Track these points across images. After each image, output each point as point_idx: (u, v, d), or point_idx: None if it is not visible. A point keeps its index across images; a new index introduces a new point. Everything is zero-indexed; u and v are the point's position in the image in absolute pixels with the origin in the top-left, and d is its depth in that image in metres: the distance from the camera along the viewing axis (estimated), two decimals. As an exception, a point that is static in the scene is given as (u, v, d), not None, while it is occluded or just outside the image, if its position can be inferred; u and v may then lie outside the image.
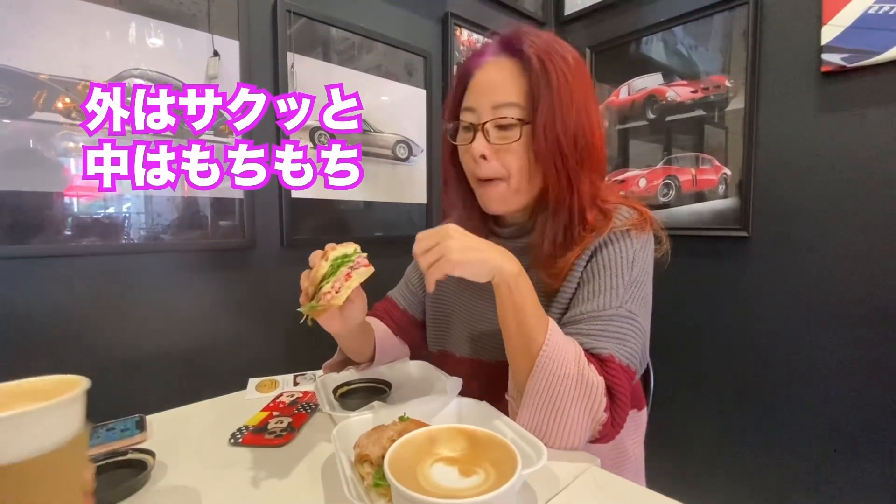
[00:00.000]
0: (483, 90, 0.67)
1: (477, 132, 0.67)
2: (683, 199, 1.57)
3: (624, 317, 0.62)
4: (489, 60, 0.68)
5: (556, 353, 0.56)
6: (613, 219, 0.67)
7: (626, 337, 0.61)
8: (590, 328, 0.61)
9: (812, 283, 1.30)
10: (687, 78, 1.54)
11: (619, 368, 0.59)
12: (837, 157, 1.24)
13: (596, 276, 0.65)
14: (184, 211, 1.07)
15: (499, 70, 0.67)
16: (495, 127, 0.66)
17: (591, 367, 0.57)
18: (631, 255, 0.65)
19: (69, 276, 0.94)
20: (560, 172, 0.65)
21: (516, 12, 1.84)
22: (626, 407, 0.59)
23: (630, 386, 0.61)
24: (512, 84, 0.65)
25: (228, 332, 1.15)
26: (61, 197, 0.92)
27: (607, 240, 0.66)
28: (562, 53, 0.65)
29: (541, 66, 0.63)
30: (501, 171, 0.67)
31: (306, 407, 0.74)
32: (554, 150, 0.64)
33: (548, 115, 0.63)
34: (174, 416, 0.74)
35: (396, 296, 0.92)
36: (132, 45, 0.98)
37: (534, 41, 0.65)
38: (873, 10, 1.15)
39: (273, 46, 1.19)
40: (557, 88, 0.63)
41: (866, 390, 1.22)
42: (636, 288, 0.64)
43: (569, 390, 0.56)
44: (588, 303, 0.63)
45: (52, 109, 0.90)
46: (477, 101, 0.67)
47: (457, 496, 0.34)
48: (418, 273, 0.92)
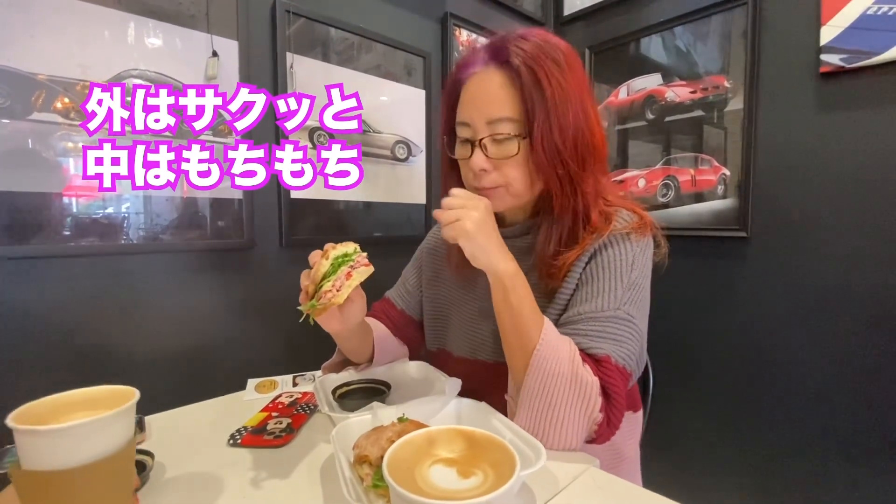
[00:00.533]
0: (476, 104, 0.66)
1: (475, 147, 0.66)
2: (682, 200, 1.57)
3: (622, 319, 0.62)
4: (478, 71, 0.66)
5: (550, 353, 0.57)
6: (614, 221, 0.67)
7: (622, 339, 0.61)
8: (587, 329, 0.61)
9: (810, 283, 1.30)
10: (686, 78, 1.55)
11: (614, 369, 0.59)
12: (836, 158, 1.24)
13: (595, 277, 0.65)
14: (183, 211, 1.07)
15: (489, 82, 0.65)
16: (493, 142, 0.65)
17: (585, 366, 0.58)
18: (630, 258, 0.65)
19: (68, 276, 0.93)
20: (563, 179, 0.64)
21: (515, 13, 1.84)
22: (621, 408, 0.59)
23: (626, 387, 0.61)
24: (504, 97, 0.63)
25: (227, 333, 1.15)
26: (60, 197, 0.92)
27: (607, 242, 0.66)
28: (552, 56, 0.63)
29: (532, 78, 0.62)
30: (500, 180, 0.66)
31: (305, 408, 0.74)
32: (554, 160, 0.63)
33: (544, 128, 0.62)
34: (173, 416, 0.74)
35: (394, 296, 0.92)
36: (131, 46, 0.98)
37: (522, 48, 0.63)
38: (872, 11, 1.15)
39: (272, 47, 1.19)
40: (552, 97, 0.62)
41: (864, 390, 1.22)
42: (634, 291, 0.64)
43: (563, 389, 0.56)
44: (586, 304, 0.63)
45: (50, 110, 0.90)
46: (471, 116, 0.66)
47: (455, 498, 0.34)
48: (416, 273, 0.92)
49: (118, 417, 0.43)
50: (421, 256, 0.92)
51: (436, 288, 0.87)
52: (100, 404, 0.46)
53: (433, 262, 0.89)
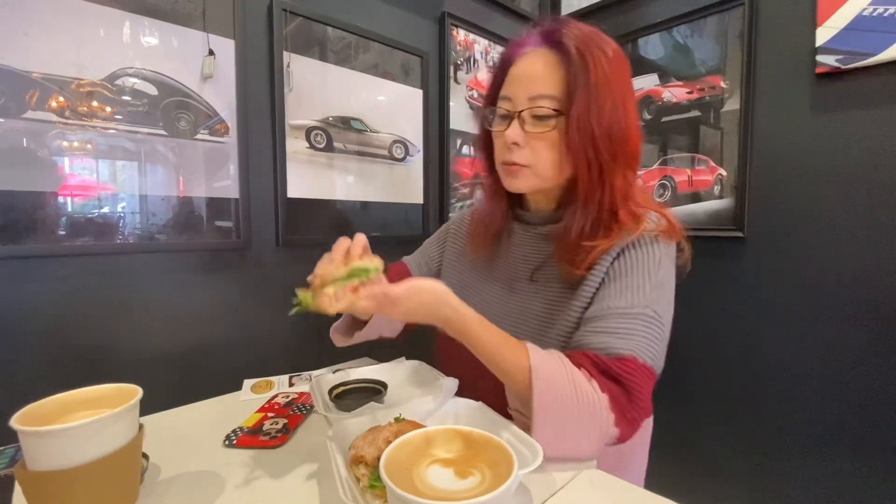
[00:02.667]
0: (521, 80, 0.67)
1: (513, 120, 0.67)
2: (679, 200, 1.57)
3: (650, 317, 0.62)
4: (528, 50, 0.69)
5: (545, 387, 0.55)
6: (644, 222, 0.66)
7: (650, 337, 0.61)
8: (616, 326, 0.61)
9: (806, 283, 1.30)
10: (683, 79, 1.55)
11: (641, 368, 0.59)
12: (832, 158, 1.25)
13: (623, 273, 0.64)
14: (178, 211, 1.07)
15: (538, 60, 0.67)
16: (531, 116, 0.66)
17: (592, 382, 0.57)
18: (657, 259, 0.65)
19: (62, 276, 0.93)
20: (592, 164, 0.65)
21: (513, 12, 1.84)
22: (645, 407, 0.59)
23: (650, 386, 0.60)
24: (550, 75, 0.65)
25: (223, 333, 1.15)
26: (55, 196, 0.91)
27: (637, 242, 0.66)
28: (602, 46, 0.65)
29: (580, 58, 0.63)
30: (531, 158, 0.67)
31: (302, 408, 0.74)
32: (587, 142, 0.64)
33: (583, 107, 0.63)
34: (168, 417, 0.73)
35: (411, 263, 0.92)
36: (126, 44, 0.98)
37: (574, 33, 0.66)
38: (867, 12, 1.16)
39: (269, 46, 1.19)
40: (595, 81, 0.63)
41: (862, 390, 1.23)
42: (661, 290, 0.64)
43: (571, 416, 0.55)
44: (615, 299, 0.63)
45: (45, 108, 0.89)
46: (514, 91, 0.68)
47: (453, 498, 0.34)
48: (439, 248, 0.92)
49: (122, 416, 0.44)
50: (447, 234, 0.93)
51: (456, 269, 0.87)
52: (103, 403, 0.47)
53: (458, 243, 0.89)
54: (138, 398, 0.46)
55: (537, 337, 0.69)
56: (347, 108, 1.34)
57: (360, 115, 1.37)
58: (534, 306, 0.71)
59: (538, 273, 0.73)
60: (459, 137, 1.67)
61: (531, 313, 0.71)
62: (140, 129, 1.00)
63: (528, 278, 0.74)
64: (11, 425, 0.40)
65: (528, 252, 0.76)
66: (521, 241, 0.77)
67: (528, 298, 0.73)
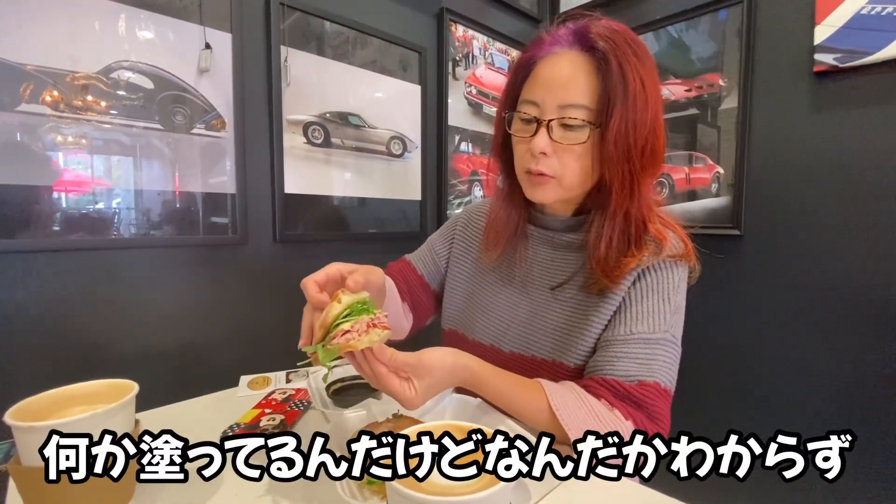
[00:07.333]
0: (549, 85, 0.62)
1: (540, 127, 0.63)
2: (676, 198, 1.57)
3: (669, 342, 0.63)
4: (557, 52, 0.64)
5: (572, 423, 0.56)
6: (668, 246, 0.66)
7: (670, 362, 0.62)
8: (639, 352, 0.61)
9: (803, 281, 1.31)
10: (681, 76, 1.55)
11: (663, 393, 0.61)
12: (829, 157, 1.25)
13: (645, 297, 0.64)
14: (174, 206, 1.06)
15: (568, 65, 0.62)
16: (560, 126, 0.62)
17: (614, 412, 0.58)
18: (676, 282, 0.66)
19: (57, 271, 0.92)
20: (625, 178, 0.62)
21: (511, 9, 1.83)
22: (665, 426, 0.61)
23: (669, 407, 0.62)
24: (583, 83, 0.61)
25: (220, 329, 1.14)
26: (49, 191, 0.91)
27: (658, 265, 0.65)
28: (637, 52, 0.61)
29: (618, 68, 0.59)
30: (558, 168, 0.64)
31: (299, 404, 0.74)
32: (623, 158, 0.61)
33: (621, 123, 0.59)
34: (164, 413, 0.73)
35: (416, 260, 0.88)
36: (122, 37, 0.97)
37: (608, 37, 0.61)
38: (866, 11, 1.16)
39: (266, 40, 1.18)
40: (633, 95, 0.59)
41: (860, 389, 1.23)
42: (679, 315, 0.65)
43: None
44: (636, 323, 0.63)
45: (39, 101, 0.88)
46: (542, 96, 0.63)
47: (452, 493, 0.34)
48: (446, 244, 0.88)
49: (117, 411, 0.43)
50: (455, 229, 0.88)
51: (464, 266, 0.83)
52: (99, 398, 0.47)
53: (467, 238, 0.85)
54: (134, 394, 0.46)
55: (552, 348, 0.68)
56: (345, 104, 1.34)
57: (358, 110, 1.37)
58: (550, 316, 0.70)
59: (563, 285, 0.71)
60: (458, 134, 1.67)
61: (547, 323, 0.70)
62: (135, 124, 0.99)
63: (548, 287, 0.72)
64: (5, 421, 0.40)
65: (547, 259, 0.73)
66: (539, 246, 0.75)
67: (544, 307, 0.71)
